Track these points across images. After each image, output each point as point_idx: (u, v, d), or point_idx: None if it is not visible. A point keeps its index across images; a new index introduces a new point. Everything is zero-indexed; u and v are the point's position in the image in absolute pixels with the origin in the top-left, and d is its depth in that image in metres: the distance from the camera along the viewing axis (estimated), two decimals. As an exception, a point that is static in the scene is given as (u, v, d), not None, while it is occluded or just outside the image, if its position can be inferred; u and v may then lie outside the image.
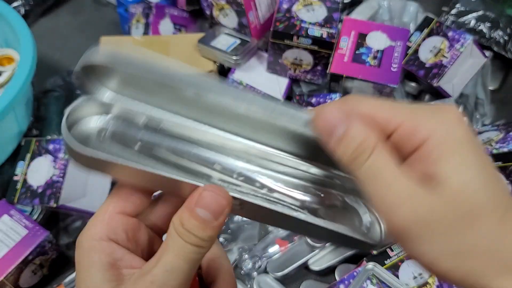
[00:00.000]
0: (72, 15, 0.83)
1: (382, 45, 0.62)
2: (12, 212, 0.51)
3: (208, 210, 0.23)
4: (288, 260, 0.52)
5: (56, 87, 0.65)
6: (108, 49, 0.24)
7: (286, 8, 0.62)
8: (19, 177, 0.53)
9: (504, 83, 0.72)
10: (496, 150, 0.56)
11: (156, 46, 0.65)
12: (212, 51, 0.64)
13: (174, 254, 0.23)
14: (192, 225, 0.22)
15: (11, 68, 0.60)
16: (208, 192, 0.23)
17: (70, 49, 0.76)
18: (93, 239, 0.24)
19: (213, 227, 0.23)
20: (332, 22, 0.61)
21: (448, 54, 0.63)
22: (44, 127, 0.62)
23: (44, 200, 0.51)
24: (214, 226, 0.23)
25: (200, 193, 0.23)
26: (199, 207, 0.23)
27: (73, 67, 0.77)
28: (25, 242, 0.48)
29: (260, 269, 0.52)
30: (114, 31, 0.77)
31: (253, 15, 0.64)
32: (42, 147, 0.54)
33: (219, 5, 0.65)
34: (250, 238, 0.55)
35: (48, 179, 0.52)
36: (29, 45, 0.57)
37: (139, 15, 0.71)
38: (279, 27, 0.61)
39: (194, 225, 0.22)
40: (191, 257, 0.23)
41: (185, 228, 0.22)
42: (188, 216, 0.23)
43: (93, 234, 0.24)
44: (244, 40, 0.66)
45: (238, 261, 0.53)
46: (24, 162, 0.54)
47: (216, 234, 0.23)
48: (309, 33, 0.60)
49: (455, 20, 0.74)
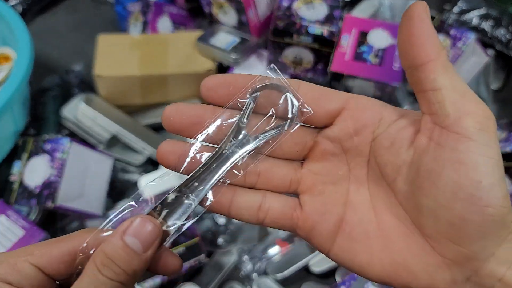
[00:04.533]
0: (70, 14, 0.82)
1: (384, 43, 0.61)
2: (9, 213, 0.50)
3: (139, 238, 0.21)
4: (288, 262, 0.52)
5: (53, 86, 0.65)
6: None
7: (286, 6, 0.61)
8: (16, 177, 0.53)
9: (507, 82, 0.72)
10: (499, 150, 0.56)
11: (155, 44, 0.64)
12: (211, 49, 0.63)
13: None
14: (117, 254, 0.20)
15: (8, 67, 0.59)
16: (140, 219, 0.21)
17: (67, 47, 0.75)
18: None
19: (141, 259, 0.21)
20: (333, 20, 0.61)
21: (450, 52, 0.63)
22: (41, 127, 0.61)
23: (41, 200, 0.50)
24: (142, 259, 0.21)
25: (131, 221, 0.21)
26: (129, 235, 0.21)
27: (70, 66, 0.76)
28: (22, 243, 0.48)
29: (260, 271, 0.52)
30: (112, 29, 0.76)
31: (253, 13, 0.63)
32: (39, 147, 0.54)
33: (218, 3, 0.65)
34: (249, 239, 0.54)
35: (45, 179, 0.51)
36: (26, 43, 0.57)
37: (137, 13, 0.71)
38: (279, 25, 0.60)
39: (120, 255, 0.20)
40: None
41: (108, 257, 0.20)
42: (113, 243, 0.20)
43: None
44: (244, 38, 0.65)
45: (237, 262, 0.53)
46: (21, 162, 0.53)
47: (141, 271, 0.21)
48: (310, 31, 0.60)
49: (457, 18, 0.73)
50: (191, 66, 0.62)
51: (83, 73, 0.68)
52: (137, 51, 0.62)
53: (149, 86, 0.62)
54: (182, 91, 0.64)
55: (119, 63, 0.61)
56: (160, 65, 0.62)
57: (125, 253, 0.20)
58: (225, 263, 0.53)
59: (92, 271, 0.21)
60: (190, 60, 0.63)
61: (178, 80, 0.62)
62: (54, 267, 0.22)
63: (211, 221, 0.55)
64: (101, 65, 0.60)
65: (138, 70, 0.61)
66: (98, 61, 0.61)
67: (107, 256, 0.20)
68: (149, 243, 0.21)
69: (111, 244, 0.21)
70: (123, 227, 0.21)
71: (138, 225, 0.21)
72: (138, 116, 0.63)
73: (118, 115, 0.61)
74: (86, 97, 0.61)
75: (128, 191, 0.58)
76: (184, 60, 0.63)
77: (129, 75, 0.61)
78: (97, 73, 0.60)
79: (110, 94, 0.62)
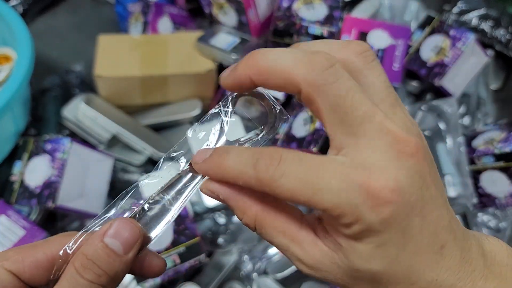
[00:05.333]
0: (70, 14, 0.82)
1: (383, 43, 0.61)
2: (10, 213, 0.50)
3: (120, 240, 0.20)
4: (288, 261, 0.52)
5: (53, 86, 0.65)
6: None
7: (286, 6, 0.62)
8: (17, 177, 0.53)
9: (506, 82, 0.72)
10: (498, 150, 0.56)
11: (155, 44, 0.64)
12: (211, 50, 0.63)
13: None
14: (98, 256, 0.20)
15: (8, 67, 0.59)
16: (120, 222, 0.21)
17: (68, 48, 0.75)
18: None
19: (122, 261, 0.21)
20: (332, 20, 0.61)
21: (449, 53, 0.63)
22: (42, 127, 0.62)
23: (42, 200, 0.51)
24: (123, 261, 0.21)
25: (111, 223, 0.21)
26: (109, 237, 0.20)
27: (71, 66, 0.76)
28: (23, 243, 0.48)
29: (260, 271, 0.52)
30: (112, 29, 0.76)
31: (253, 13, 0.64)
32: (39, 147, 0.54)
33: (218, 3, 0.65)
34: (250, 239, 0.54)
35: (45, 179, 0.51)
36: (27, 44, 0.57)
37: (138, 14, 0.71)
38: (279, 26, 0.60)
39: (100, 256, 0.20)
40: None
41: (88, 258, 0.20)
42: (94, 244, 0.20)
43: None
44: (244, 38, 0.65)
45: (237, 262, 0.53)
46: (22, 162, 0.54)
47: (123, 274, 0.21)
48: (310, 32, 0.60)
49: (457, 19, 0.74)
50: (191, 66, 0.62)
51: (84, 73, 0.68)
52: (137, 52, 0.63)
53: (149, 86, 0.62)
54: (182, 91, 0.64)
55: (120, 64, 0.61)
56: (160, 65, 0.62)
57: (106, 254, 0.20)
58: (225, 263, 0.53)
59: (71, 275, 0.20)
60: (190, 61, 0.63)
61: (178, 80, 0.62)
62: (31, 273, 0.21)
63: (211, 221, 0.55)
64: (101, 65, 0.61)
65: (138, 71, 0.61)
66: (99, 62, 0.61)
67: (88, 257, 0.20)
68: (130, 245, 0.21)
69: (91, 245, 0.20)
70: (103, 230, 0.21)
71: (117, 227, 0.21)
72: (139, 116, 0.64)
73: (119, 115, 0.61)
74: (87, 97, 0.61)
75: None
76: (184, 60, 0.63)
77: (130, 75, 0.61)
78: (98, 73, 0.60)
79: (111, 94, 0.62)
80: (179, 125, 0.64)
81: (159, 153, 0.58)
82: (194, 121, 0.64)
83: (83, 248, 0.21)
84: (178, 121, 0.63)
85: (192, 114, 0.62)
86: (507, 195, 0.56)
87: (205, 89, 0.65)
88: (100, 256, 0.20)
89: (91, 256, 0.20)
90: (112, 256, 0.20)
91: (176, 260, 0.48)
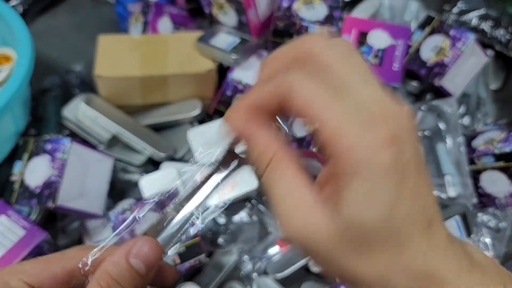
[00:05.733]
0: (70, 14, 0.82)
1: (383, 44, 0.61)
2: (10, 213, 0.50)
3: (143, 261, 0.21)
4: (288, 261, 0.52)
5: (53, 86, 0.65)
6: None
7: (286, 6, 0.62)
8: (17, 177, 0.53)
9: (506, 82, 0.72)
10: (498, 150, 0.56)
11: (155, 45, 0.64)
12: (211, 50, 0.63)
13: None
14: (123, 276, 0.20)
15: (8, 68, 0.60)
16: (144, 241, 0.21)
17: (68, 48, 0.75)
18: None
19: (143, 280, 0.21)
20: (332, 20, 0.61)
21: (449, 53, 0.63)
22: (42, 127, 0.62)
23: (42, 200, 0.51)
24: (144, 279, 0.21)
25: (135, 242, 0.21)
26: (134, 257, 0.21)
27: (71, 66, 0.76)
28: (23, 243, 0.48)
29: (260, 271, 0.52)
30: (112, 29, 0.76)
31: (253, 13, 0.64)
32: (40, 147, 0.54)
33: (218, 3, 0.65)
34: (250, 239, 0.54)
35: (45, 179, 0.51)
36: (27, 44, 0.57)
37: (138, 14, 0.71)
38: (279, 26, 0.60)
39: (125, 277, 0.20)
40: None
41: (113, 278, 0.20)
42: (119, 264, 0.21)
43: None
44: (244, 38, 0.65)
45: (237, 262, 0.53)
46: (22, 162, 0.54)
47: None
48: (310, 32, 0.60)
49: (457, 19, 0.74)
50: (191, 66, 0.62)
51: (84, 73, 0.68)
52: (137, 52, 0.63)
53: (149, 86, 0.62)
54: (183, 91, 0.64)
55: (120, 64, 0.61)
56: (160, 65, 0.62)
57: (130, 275, 0.21)
58: (225, 263, 0.53)
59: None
60: (190, 61, 0.63)
61: (179, 80, 0.62)
62: (49, 286, 0.22)
63: (211, 221, 0.55)
64: (101, 65, 0.61)
65: (138, 71, 0.61)
66: (99, 62, 0.61)
67: (113, 277, 0.20)
68: (152, 265, 0.21)
69: (117, 265, 0.21)
70: (127, 248, 0.21)
71: (142, 247, 0.21)
72: (139, 116, 0.64)
73: (119, 115, 0.61)
74: (87, 97, 0.61)
75: (129, 191, 0.58)
76: (184, 60, 0.63)
77: (130, 75, 0.61)
78: (98, 73, 0.60)
79: (111, 94, 0.62)
80: (179, 125, 0.64)
81: (159, 153, 0.58)
82: (194, 121, 0.64)
83: (108, 267, 0.21)
84: (178, 121, 0.63)
85: (192, 114, 0.63)
86: (507, 195, 0.56)
87: (205, 89, 0.65)
88: (125, 277, 0.21)
89: (116, 276, 0.21)
90: (136, 278, 0.21)
91: (176, 260, 0.48)
